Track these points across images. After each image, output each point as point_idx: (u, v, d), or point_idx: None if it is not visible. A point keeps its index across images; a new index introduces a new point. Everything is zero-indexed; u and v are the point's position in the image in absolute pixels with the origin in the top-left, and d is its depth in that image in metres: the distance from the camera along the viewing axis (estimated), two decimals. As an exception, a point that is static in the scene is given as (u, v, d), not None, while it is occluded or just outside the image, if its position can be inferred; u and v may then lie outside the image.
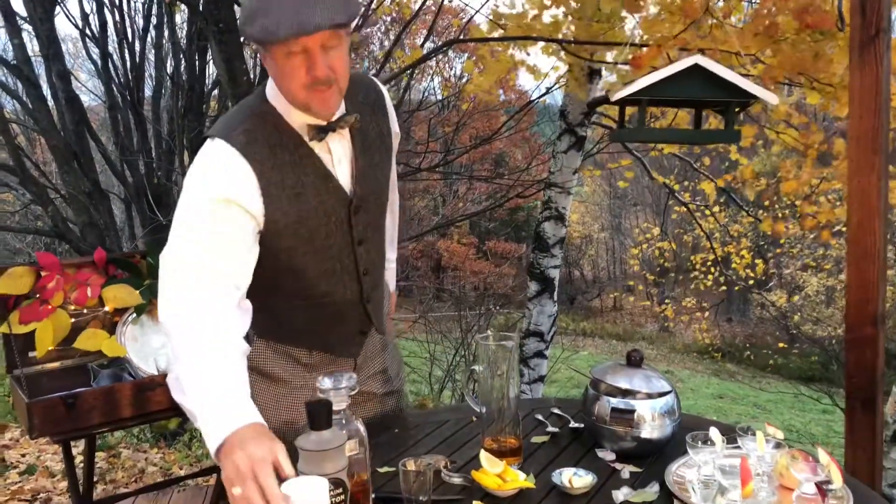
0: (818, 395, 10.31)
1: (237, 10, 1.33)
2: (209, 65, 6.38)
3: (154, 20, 6.86)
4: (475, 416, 1.71)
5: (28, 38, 6.11)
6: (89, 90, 10.23)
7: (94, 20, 6.69)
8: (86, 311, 2.31)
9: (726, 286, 10.03)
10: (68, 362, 2.30)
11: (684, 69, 1.65)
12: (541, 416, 1.77)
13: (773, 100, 1.71)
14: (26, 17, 5.82)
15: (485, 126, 13.72)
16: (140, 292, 2.34)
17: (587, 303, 23.27)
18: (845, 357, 1.99)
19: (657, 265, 16.48)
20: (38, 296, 2.21)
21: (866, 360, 1.93)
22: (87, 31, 6.77)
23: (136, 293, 2.34)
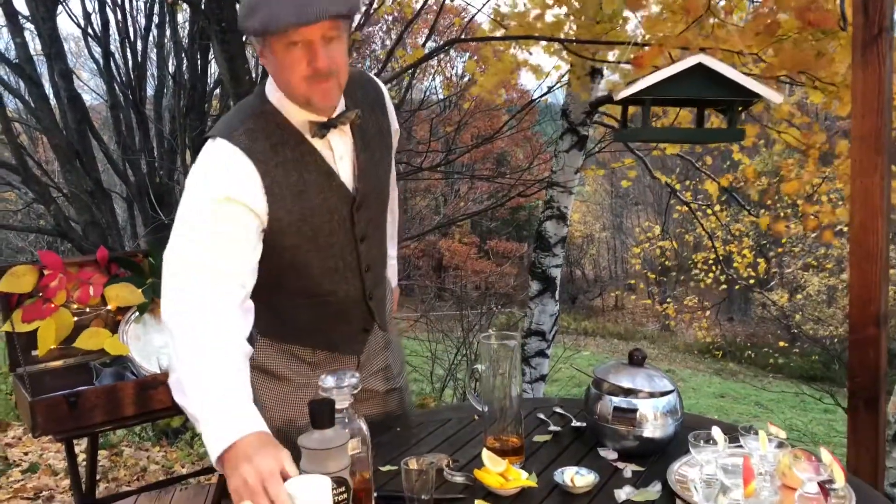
0: (820, 395, 10.30)
1: (239, 9, 1.33)
2: (211, 64, 6.39)
3: (156, 19, 6.87)
4: (477, 415, 1.71)
5: (30, 37, 6.12)
6: (91, 89, 10.26)
7: (96, 19, 6.70)
8: (88, 309, 2.31)
9: (727, 285, 10.02)
10: (71, 361, 2.31)
11: (687, 68, 1.64)
12: (543, 415, 1.77)
13: (777, 98, 1.71)
14: (28, 16, 5.82)
15: (486, 125, 13.71)
16: (142, 291, 2.35)
17: (589, 302, 23.27)
18: (848, 357, 1.99)
19: (658, 264, 16.47)
20: (40, 294, 2.22)
21: (869, 360, 1.93)
22: (90, 30, 6.79)
23: (138, 292, 2.34)
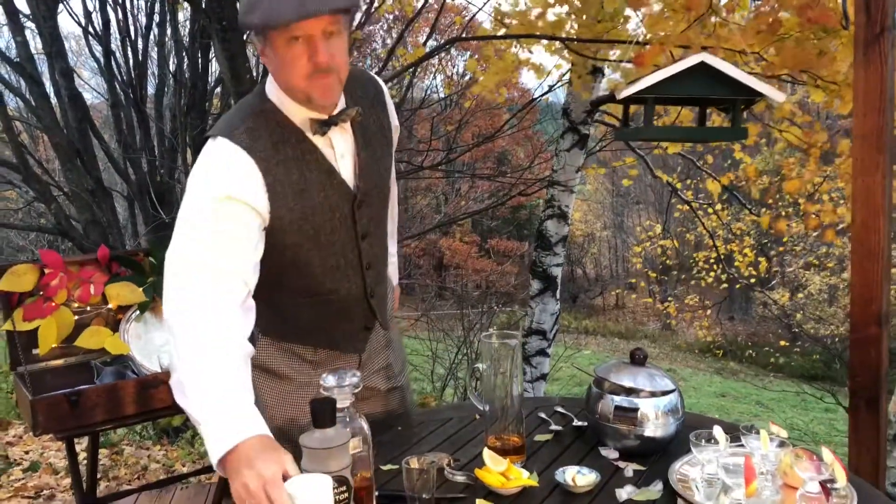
0: (821, 394, 10.29)
1: (239, 6, 1.33)
2: (212, 62, 6.39)
3: (157, 18, 6.87)
4: (478, 415, 1.71)
5: (31, 36, 6.12)
6: (92, 88, 10.26)
7: (96, 18, 6.70)
8: (89, 308, 2.31)
9: (728, 284, 10.01)
10: (72, 360, 2.30)
11: (690, 67, 1.64)
12: (544, 415, 1.76)
13: (780, 97, 1.71)
14: (29, 15, 5.82)
15: (487, 124, 13.71)
16: (143, 290, 2.34)
17: (589, 301, 23.26)
18: (849, 356, 1.99)
19: (659, 263, 16.48)
20: (41, 293, 2.21)
21: (870, 360, 1.93)
22: (90, 29, 6.79)
23: (139, 291, 2.34)
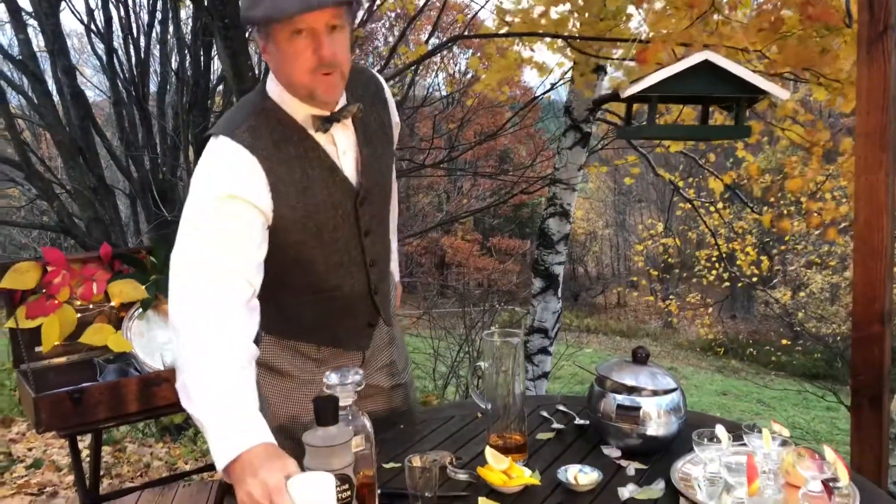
0: (822, 393, 10.29)
1: (241, 2, 1.32)
2: (214, 60, 6.40)
3: (159, 15, 6.87)
4: (480, 413, 1.71)
5: (33, 34, 6.13)
6: (94, 86, 10.26)
7: (99, 15, 6.71)
8: (91, 306, 2.32)
9: (730, 283, 10.00)
10: (74, 357, 2.31)
11: (694, 65, 1.63)
12: (546, 413, 1.76)
13: (784, 95, 1.70)
14: (32, 13, 5.83)
15: (489, 122, 13.70)
16: (146, 288, 2.35)
17: (591, 299, 23.26)
18: (852, 355, 1.98)
19: (661, 261, 16.46)
20: (44, 291, 2.22)
21: (873, 358, 1.92)
22: (93, 27, 6.79)
23: (141, 288, 2.34)
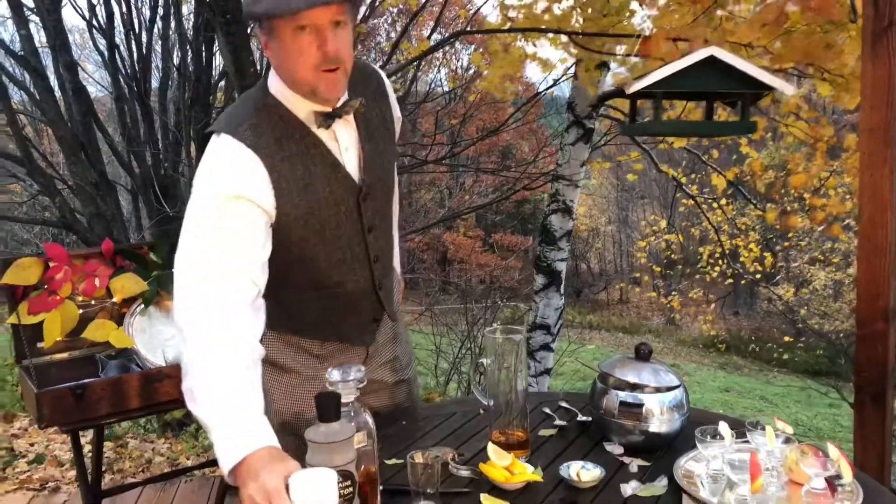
0: (826, 390, 10.29)
1: (244, 1, 1.32)
2: (216, 56, 6.39)
3: (161, 11, 6.86)
4: (482, 409, 1.70)
5: (35, 30, 6.13)
6: (96, 81, 10.26)
7: (100, 11, 6.70)
8: (94, 301, 2.31)
9: (733, 279, 10.00)
10: (76, 353, 2.30)
11: (699, 61, 1.62)
12: (548, 410, 1.76)
13: (790, 90, 1.69)
14: (34, 8, 5.82)
15: (491, 118, 13.69)
16: (147, 283, 2.34)
17: (593, 296, 23.25)
18: (855, 352, 1.98)
19: (664, 258, 16.45)
20: (46, 287, 2.21)
21: (877, 355, 1.91)
22: (94, 22, 6.79)
23: (143, 282, 2.34)
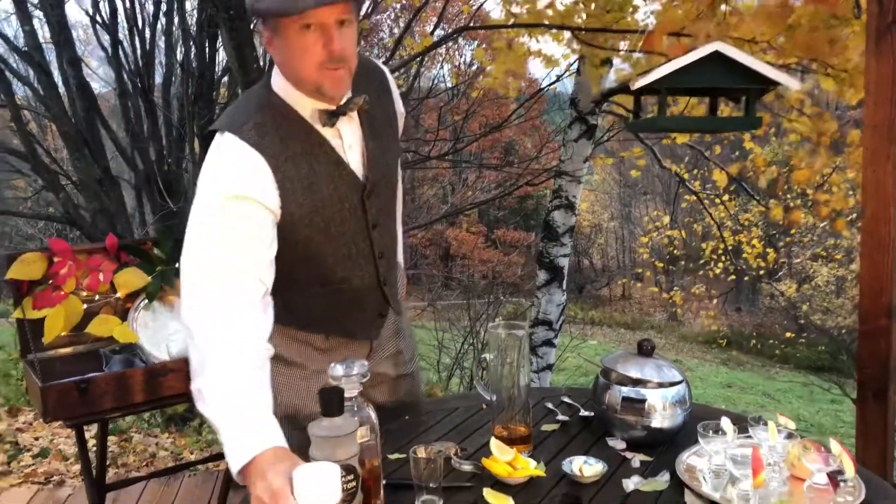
0: (828, 385, 10.28)
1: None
2: (219, 52, 6.38)
3: (164, 7, 6.85)
4: (485, 404, 1.71)
5: (39, 25, 6.14)
6: (100, 77, 10.24)
7: (104, 7, 6.70)
8: (98, 296, 2.32)
9: (735, 275, 9.98)
10: (80, 348, 2.31)
11: (704, 56, 1.61)
12: (551, 405, 1.76)
13: (795, 85, 1.68)
14: (37, 4, 5.83)
15: (494, 114, 13.66)
16: (151, 278, 2.35)
17: (596, 292, 23.24)
18: (858, 347, 1.98)
19: (667, 254, 16.43)
20: (50, 282, 2.22)
21: (879, 351, 1.92)
22: (98, 18, 6.79)
23: (147, 278, 2.34)
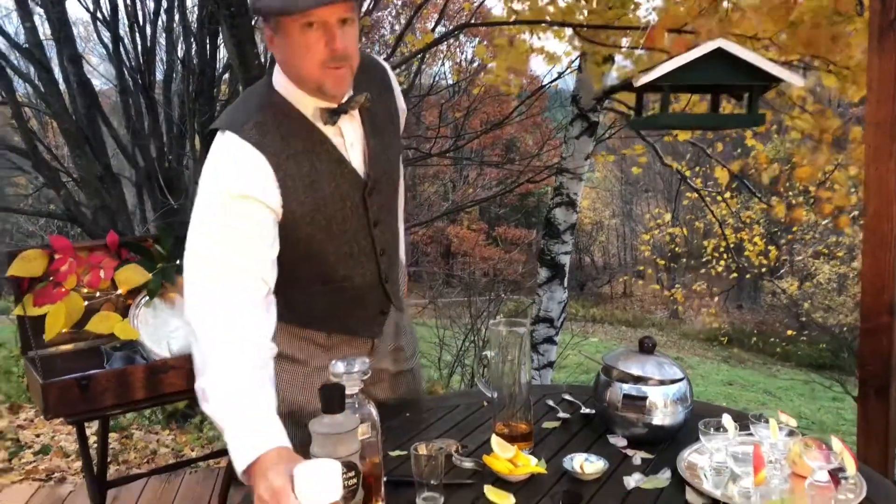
0: (829, 383, 10.28)
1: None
2: (220, 49, 6.37)
3: (165, 3, 6.83)
4: (486, 402, 1.71)
5: (39, 22, 6.12)
6: (101, 74, 10.24)
7: (104, 3, 6.68)
8: (98, 293, 2.32)
9: (737, 273, 9.98)
10: (81, 344, 2.31)
11: (707, 53, 1.61)
12: (552, 402, 1.76)
13: (799, 81, 1.68)
14: (38, 1, 5.82)
15: (496, 111, 13.62)
16: (152, 275, 2.35)
17: (597, 289, 23.24)
18: (859, 345, 1.97)
19: (668, 251, 16.41)
20: (51, 278, 2.22)
21: (881, 349, 1.91)
22: (98, 15, 6.77)
23: (148, 275, 2.34)
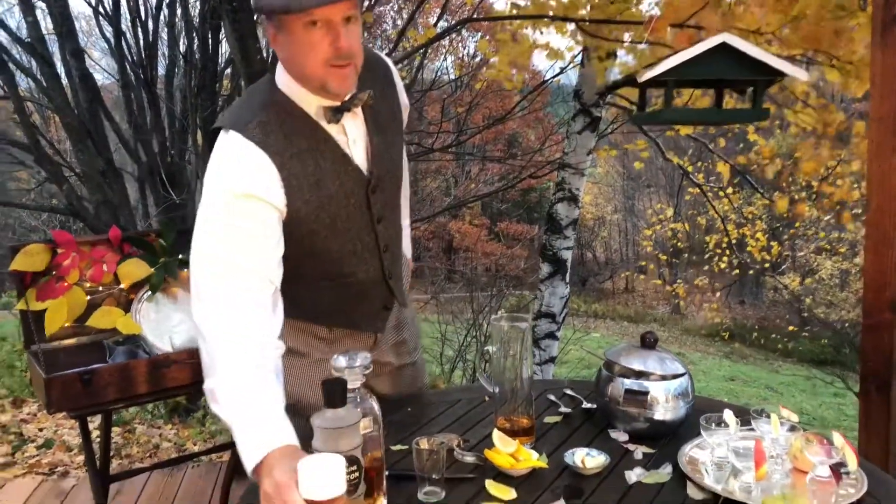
0: (831, 379, 10.28)
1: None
2: (222, 43, 6.37)
3: (167, -2, 6.84)
4: (488, 396, 1.71)
5: (42, 16, 6.12)
6: (103, 68, 10.25)
7: (107, -2, 6.69)
8: (101, 288, 2.32)
9: (739, 269, 9.96)
10: (84, 339, 2.32)
11: (711, 48, 1.60)
12: (553, 397, 1.77)
13: (804, 76, 1.66)
14: (40, -5, 5.82)
15: (498, 106, 13.60)
16: (155, 270, 2.35)
17: (599, 284, 23.24)
18: (861, 341, 1.97)
19: (670, 247, 16.40)
20: (54, 273, 2.22)
21: (883, 345, 1.91)
22: (101, 9, 6.78)
23: (150, 270, 2.35)
